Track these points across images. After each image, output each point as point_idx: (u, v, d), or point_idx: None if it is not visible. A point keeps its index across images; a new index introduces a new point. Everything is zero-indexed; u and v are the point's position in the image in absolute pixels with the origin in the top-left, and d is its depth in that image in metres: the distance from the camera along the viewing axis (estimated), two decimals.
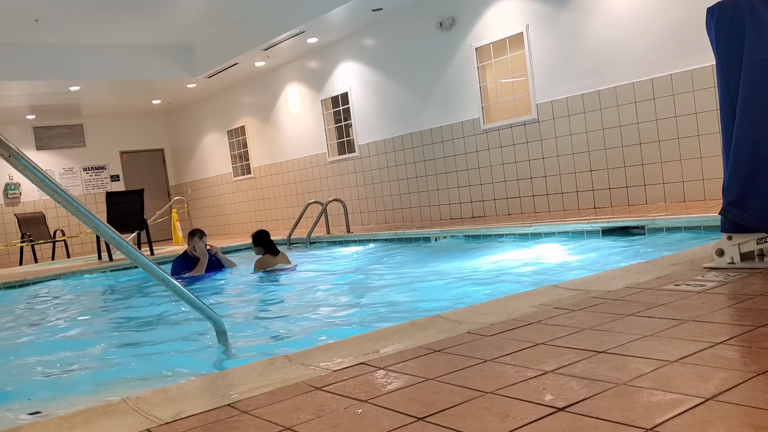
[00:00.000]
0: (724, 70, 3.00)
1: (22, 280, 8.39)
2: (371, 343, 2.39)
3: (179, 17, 11.29)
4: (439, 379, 1.88)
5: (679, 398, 1.52)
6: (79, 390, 3.04)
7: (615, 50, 7.74)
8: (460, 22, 9.46)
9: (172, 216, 13.02)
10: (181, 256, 7.07)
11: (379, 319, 3.86)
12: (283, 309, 4.86)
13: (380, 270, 6.38)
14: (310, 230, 9.77)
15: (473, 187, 9.70)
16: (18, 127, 15.21)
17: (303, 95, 12.62)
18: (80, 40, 11.68)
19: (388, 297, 4.70)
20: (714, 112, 6.82)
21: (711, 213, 5.44)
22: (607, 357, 1.91)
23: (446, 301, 4.18)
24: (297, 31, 10.58)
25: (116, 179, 16.63)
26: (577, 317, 2.44)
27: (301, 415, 1.71)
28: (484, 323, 2.49)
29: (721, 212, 3.02)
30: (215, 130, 15.51)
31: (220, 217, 15.87)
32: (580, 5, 8.01)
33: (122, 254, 3.09)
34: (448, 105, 9.86)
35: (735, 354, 1.82)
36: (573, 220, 6.83)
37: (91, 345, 4.27)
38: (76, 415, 1.90)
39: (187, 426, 1.73)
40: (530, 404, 1.60)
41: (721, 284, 2.72)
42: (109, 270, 8.86)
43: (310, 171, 12.78)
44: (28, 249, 13.04)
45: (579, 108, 8.20)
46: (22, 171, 2.72)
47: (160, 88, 13.92)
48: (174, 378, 2.97)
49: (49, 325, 5.38)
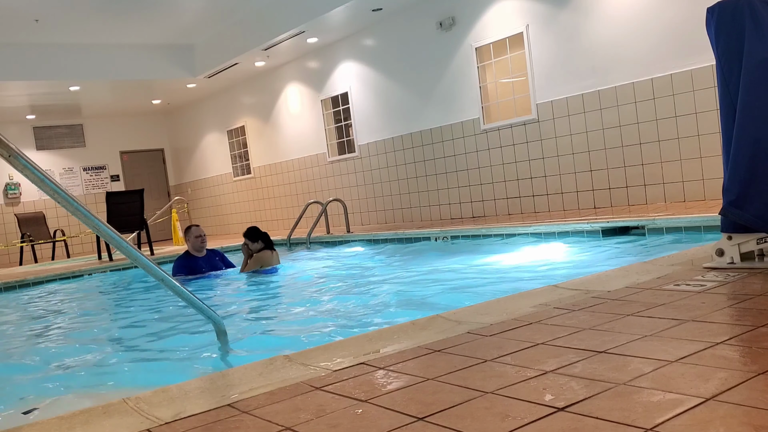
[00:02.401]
0: (724, 70, 2.99)
1: (22, 280, 8.39)
2: (371, 343, 2.39)
3: (179, 17, 11.29)
4: (439, 379, 1.88)
5: (679, 398, 1.52)
6: (79, 390, 3.04)
7: (615, 50, 7.74)
8: (460, 22, 9.46)
9: (172, 216, 13.03)
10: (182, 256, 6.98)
11: (379, 319, 3.86)
12: (283, 309, 4.85)
13: (380, 270, 6.38)
14: (310, 230, 9.77)
15: (473, 187, 9.70)
16: (18, 127, 15.21)
17: (303, 95, 12.62)
18: (80, 40, 11.68)
19: (388, 297, 4.70)
20: (714, 112, 6.82)
21: (711, 213, 5.44)
22: (607, 357, 1.91)
23: (446, 301, 4.18)
24: (297, 31, 10.58)
25: (116, 179, 16.63)
26: (577, 317, 2.44)
27: (301, 415, 1.71)
28: (484, 323, 2.49)
29: (721, 212, 3.02)
30: (215, 130, 15.51)
31: (220, 217, 15.87)
32: (580, 5, 8.01)
33: (122, 254, 3.09)
34: (448, 105, 9.86)
35: (735, 354, 1.82)
36: (573, 220, 6.83)
37: (91, 345, 4.27)
38: (76, 415, 1.90)
39: (187, 426, 1.73)
40: (530, 404, 1.60)
41: (721, 284, 2.72)
42: (109, 270, 8.86)
43: (310, 171, 12.78)
44: (28, 249, 13.04)
45: (579, 108, 8.20)
46: (22, 171, 2.72)
47: (160, 88, 13.92)
48: (174, 378, 2.97)
49: (48, 326, 5.38)
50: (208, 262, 6.95)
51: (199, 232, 6.91)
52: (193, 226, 6.98)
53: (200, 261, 6.90)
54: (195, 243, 6.85)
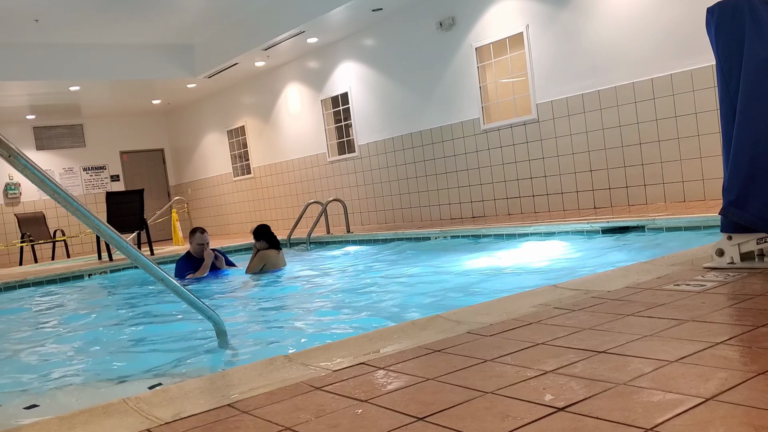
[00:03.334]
0: (724, 70, 2.99)
1: (22, 280, 8.38)
2: (371, 343, 2.39)
3: (179, 17, 11.29)
4: (439, 379, 1.88)
5: (679, 398, 1.52)
6: (79, 390, 3.04)
7: (615, 50, 7.74)
8: (460, 22, 9.46)
9: (172, 216, 13.02)
10: (184, 257, 6.97)
11: (379, 319, 3.86)
12: (283, 309, 4.86)
13: (380, 270, 6.38)
14: (310, 230, 9.77)
15: (473, 187, 9.70)
16: (18, 127, 15.21)
17: (303, 95, 12.62)
18: (80, 40, 11.68)
19: (387, 297, 4.70)
20: (714, 112, 6.82)
21: (711, 213, 5.44)
22: (607, 357, 1.91)
23: (446, 301, 4.18)
24: (297, 31, 10.58)
25: (116, 179, 16.63)
26: (577, 317, 2.44)
27: (301, 415, 1.71)
28: (484, 323, 2.49)
29: (721, 212, 3.02)
30: (215, 130, 15.51)
31: (220, 217, 15.87)
32: (580, 5, 8.01)
33: (122, 254, 3.09)
34: (448, 105, 9.86)
35: (735, 354, 1.82)
36: (573, 220, 6.83)
37: (91, 345, 4.28)
38: (76, 415, 1.90)
39: (187, 426, 1.73)
40: (530, 404, 1.60)
41: (721, 284, 2.72)
42: (109, 270, 8.85)
43: (310, 171, 12.78)
44: (28, 249, 13.03)
45: (579, 108, 8.20)
46: (22, 171, 2.72)
47: (160, 88, 13.92)
48: (174, 378, 2.97)
49: (48, 326, 5.38)
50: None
51: (203, 240, 6.80)
52: (198, 232, 6.87)
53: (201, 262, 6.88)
54: (197, 249, 6.84)
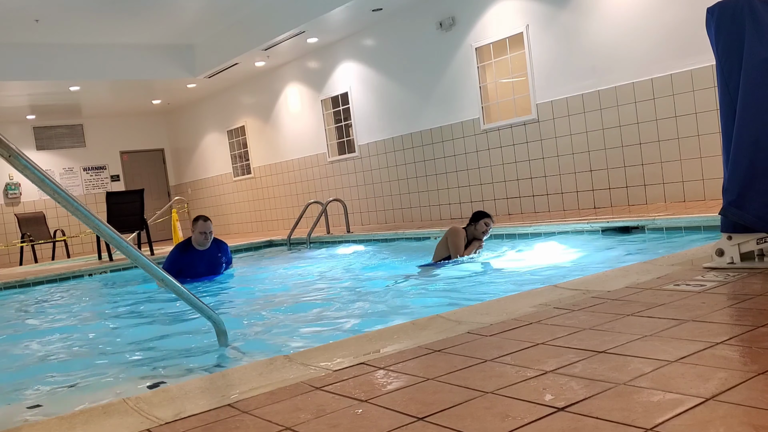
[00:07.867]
0: (724, 70, 3.00)
1: (22, 280, 8.38)
2: (371, 343, 2.39)
3: (179, 17, 11.29)
4: (439, 379, 1.88)
5: (679, 398, 1.52)
6: (80, 390, 3.04)
7: (615, 50, 7.73)
8: (460, 22, 9.46)
9: (172, 216, 13.02)
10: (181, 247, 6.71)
11: (379, 319, 3.86)
12: (283, 309, 4.85)
13: (380, 270, 6.38)
14: (310, 230, 9.77)
15: (473, 187, 9.70)
16: (18, 127, 15.21)
17: (303, 95, 12.62)
18: (80, 40, 11.68)
19: (388, 297, 4.70)
20: (714, 112, 6.82)
21: (711, 213, 5.44)
22: (607, 357, 1.91)
23: (446, 301, 4.18)
24: (297, 31, 10.58)
25: (116, 179, 16.63)
26: (577, 317, 2.44)
27: (301, 415, 1.71)
28: (484, 323, 2.49)
29: (721, 212, 3.02)
30: (215, 130, 15.51)
31: (221, 217, 15.86)
32: (580, 5, 8.01)
33: (122, 254, 3.09)
34: (448, 105, 9.86)
35: (735, 354, 1.82)
36: (573, 220, 6.83)
37: (91, 345, 4.28)
38: (76, 415, 1.90)
39: (187, 426, 1.73)
40: (530, 404, 1.60)
41: (721, 284, 2.72)
42: (109, 270, 8.85)
43: (310, 171, 12.78)
44: (28, 249, 13.03)
45: (579, 108, 8.20)
46: (22, 171, 2.72)
47: (160, 88, 13.92)
48: (174, 378, 2.97)
49: (48, 326, 5.38)
50: (207, 256, 6.69)
51: (206, 228, 6.56)
52: (201, 220, 6.62)
53: (198, 255, 6.65)
54: (198, 238, 6.58)
